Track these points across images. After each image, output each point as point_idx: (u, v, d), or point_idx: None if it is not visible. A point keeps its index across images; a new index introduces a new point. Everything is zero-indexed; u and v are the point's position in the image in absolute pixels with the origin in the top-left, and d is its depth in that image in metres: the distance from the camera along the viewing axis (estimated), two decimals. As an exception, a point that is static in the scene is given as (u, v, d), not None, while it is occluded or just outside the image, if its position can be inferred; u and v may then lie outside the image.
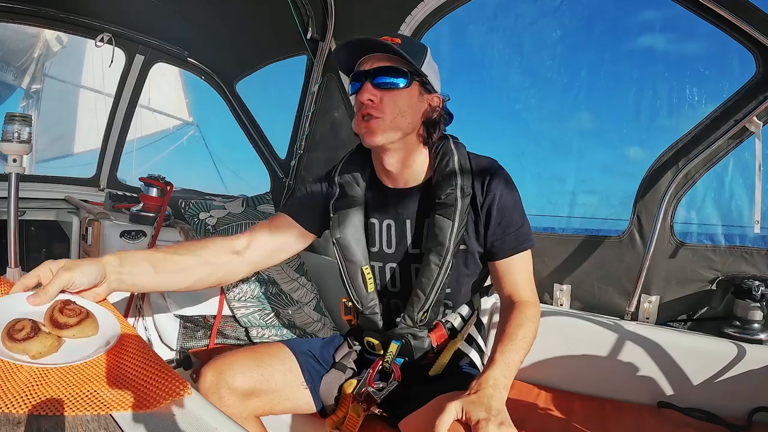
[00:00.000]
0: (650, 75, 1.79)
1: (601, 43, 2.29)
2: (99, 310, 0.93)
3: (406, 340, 1.03)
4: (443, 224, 0.97)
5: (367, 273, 1.06)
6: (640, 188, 1.47)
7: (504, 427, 0.69)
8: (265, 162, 2.59)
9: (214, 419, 0.65)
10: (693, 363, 1.27)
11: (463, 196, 0.97)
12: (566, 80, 2.15)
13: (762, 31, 1.17)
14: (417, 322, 1.02)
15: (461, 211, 0.97)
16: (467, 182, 0.98)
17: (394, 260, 1.07)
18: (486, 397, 0.73)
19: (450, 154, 1.01)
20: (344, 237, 1.05)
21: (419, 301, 1.00)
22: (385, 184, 1.07)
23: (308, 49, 2.09)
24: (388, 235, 1.06)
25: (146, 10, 1.98)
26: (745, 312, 1.29)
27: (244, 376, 0.99)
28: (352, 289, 1.08)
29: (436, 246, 0.97)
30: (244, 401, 0.99)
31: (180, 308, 1.74)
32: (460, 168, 0.99)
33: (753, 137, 1.27)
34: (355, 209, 1.06)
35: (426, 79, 0.96)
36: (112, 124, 2.32)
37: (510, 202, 0.99)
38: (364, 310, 1.07)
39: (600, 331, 1.40)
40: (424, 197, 1.03)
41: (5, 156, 1.13)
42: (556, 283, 1.60)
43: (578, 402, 1.35)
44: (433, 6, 1.75)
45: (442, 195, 0.98)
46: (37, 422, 0.59)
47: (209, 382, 0.97)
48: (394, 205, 1.06)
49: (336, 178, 1.09)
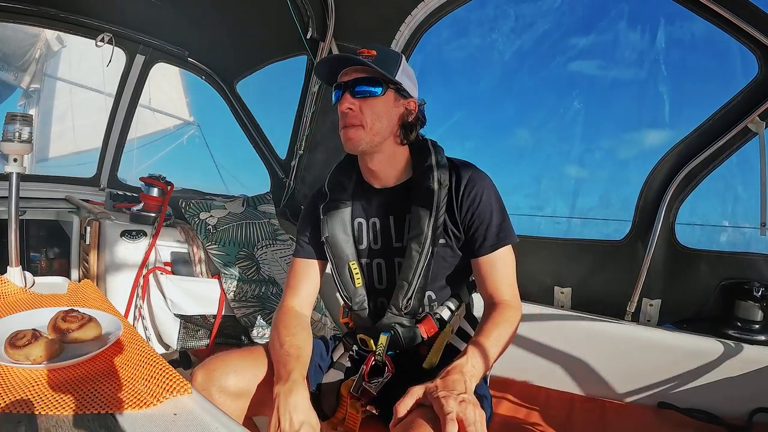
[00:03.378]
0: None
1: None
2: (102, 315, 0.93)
3: (394, 330, 1.07)
4: (422, 213, 1.03)
5: (354, 269, 1.11)
6: (642, 189, 1.46)
7: (465, 403, 0.72)
8: (265, 162, 2.59)
9: (213, 418, 0.64)
10: (693, 364, 1.27)
11: (440, 187, 1.03)
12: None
13: (764, 31, 1.17)
14: (401, 309, 1.06)
15: (438, 201, 1.02)
16: (444, 176, 1.05)
17: (380, 256, 1.12)
18: (450, 381, 0.78)
19: (428, 153, 1.08)
20: (332, 236, 1.11)
21: (402, 288, 1.05)
22: (370, 185, 1.14)
23: (308, 49, 2.09)
24: (374, 232, 1.12)
25: (146, 10, 1.99)
26: (745, 313, 1.29)
27: (236, 375, 0.99)
28: (341, 286, 1.13)
29: (416, 235, 1.03)
30: (235, 401, 0.99)
31: (180, 308, 1.74)
32: (437, 163, 1.06)
33: (756, 138, 1.27)
34: (342, 210, 1.13)
35: (400, 86, 1.04)
36: (113, 124, 2.32)
37: (490, 199, 1.04)
38: (353, 306, 1.12)
39: (600, 332, 1.40)
40: (405, 194, 1.09)
41: (6, 156, 1.13)
42: (557, 286, 1.60)
43: (579, 402, 1.36)
44: (433, 6, 1.75)
45: (419, 188, 1.05)
46: (37, 422, 0.59)
47: (199, 382, 0.97)
48: (379, 204, 1.12)
49: (326, 187, 1.17)
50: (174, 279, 1.76)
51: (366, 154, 1.06)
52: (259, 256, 1.95)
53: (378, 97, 1.01)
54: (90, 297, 1.13)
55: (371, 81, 1.01)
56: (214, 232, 1.89)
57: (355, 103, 1.01)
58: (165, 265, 1.80)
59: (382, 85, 1.01)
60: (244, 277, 1.86)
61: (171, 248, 1.85)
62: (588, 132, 24.11)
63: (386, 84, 1.02)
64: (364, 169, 1.13)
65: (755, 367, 1.20)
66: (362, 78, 1.01)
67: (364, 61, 0.99)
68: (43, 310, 0.97)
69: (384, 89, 1.02)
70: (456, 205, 1.04)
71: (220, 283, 1.82)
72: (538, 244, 1.63)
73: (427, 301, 1.10)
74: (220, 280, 1.82)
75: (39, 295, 1.15)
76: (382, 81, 1.01)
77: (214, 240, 1.87)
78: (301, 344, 1.02)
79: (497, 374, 1.52)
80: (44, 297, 1.14)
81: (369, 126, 1.01)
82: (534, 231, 1.65)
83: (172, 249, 1.85)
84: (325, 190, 1.17)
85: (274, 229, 2.07)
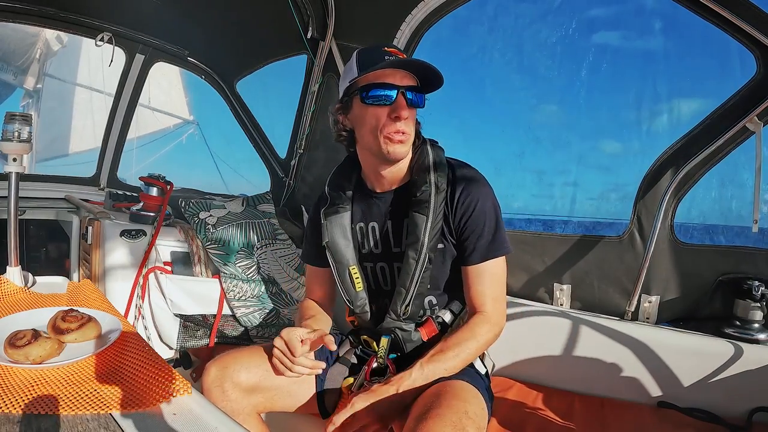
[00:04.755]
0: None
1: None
2: (102, 315, 0.93)
3: (394, 334, 1.07)
4: (418, 221, 1.01)
5: (354, 273, 1.11)
6: (641, 187, 1.46)
7: (367, 393, 0.87)
8: (265, 161, 2.59)
9: (214, 418, 0.64)
10: (693, 363, 1.27)
11: (438, 192, 1.01)
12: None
13: (762, 30, 1.17)
14: (400, 315, 1.06)
15: (435, 207, 1.00)
16: (442, 180, 1.02)
17: (382, 260, 1.12)
18: (381, 391, 0.90)
19: (425, 155, 1.05)
20: (332, 241, 1.11)
21: (400, 295, 1.05)
22: (370, 189, 1.12)
23: (308, 49, 2.09)
24: (374, 236, 1.12)
25: (146, 9, 1.98)
26: (745, 312, 1.29)
27: (248, 371, 1.00)
28: (343, 289, 1.14)
29: (413, 242, 1.02)
30: (247, 396, 1.00)
31: (180, 308, 1.74)
32: (434, 166, 1.03)
33: (753, 137, 1.27)
34: (342, 215, 1.12)
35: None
36: (113, 124, 2.32)
37: (485, 207, 1.02)
38: (355, 309, 1.13)
39: (600, 330, 1.40)
40: (402, 198, 1.07)
41: (5, 155, 1.13)
42: (556, 282, 1.60)
43: (578, 402, 1.36)
44: (433, 5, 1.74)
45: (417, 192, 1.02)
46: (37, 421, 0.59)
47: (213, 376, 0.99)
48: (378, 209, 1.11)
49: (326, 191, 1.17)
50: (174, 278, 1.76)
51: (397, 161, 1.03)
52: (259, 255, 1.95)
53: (418, 108, 1.01)
54: (90, 297, 1.13)
55: (420, 91, 1.00)
56: (213, 232, 1.89)
57: (409, 111, 0.98)
58: (165, 265, 1.80)
59: (424, 99, 1.01)
60: (243, 276, 1.86)
61: (171, 248, 1.85)
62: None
63: (425, 98, 1.02)
64: (371, 174, 1.10)
65: (755, 366, 1.20)
66: (414, 87, 0.99)
67: (435, 75, 0.96)
68: (42, 309, 0.97)
69: (424, 103, 1.02)
70: (450, 210, 1.02)
71: (219, 283, 1.82)
72: (536, 239, 1.63)
73: (428, 305, 1.10)
74: (220, 280, 1.83)
75: (39, 294, 1.15)
76: (424, 95, 1.01)
77: (213, 239, 1.87)
78: (315, 314, 1.14)
79: (497, 373, 1.53)
80: (44, 297, 1.14)
81: (410, 136, 1.00)
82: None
83: (171, 248, 1.85)
84: (326, 194, 1.16)
85: (273, 228, 2.07)
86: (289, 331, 0.94)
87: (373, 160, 1.05)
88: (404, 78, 0.97)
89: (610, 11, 51.71)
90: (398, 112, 0.95)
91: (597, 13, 30.87)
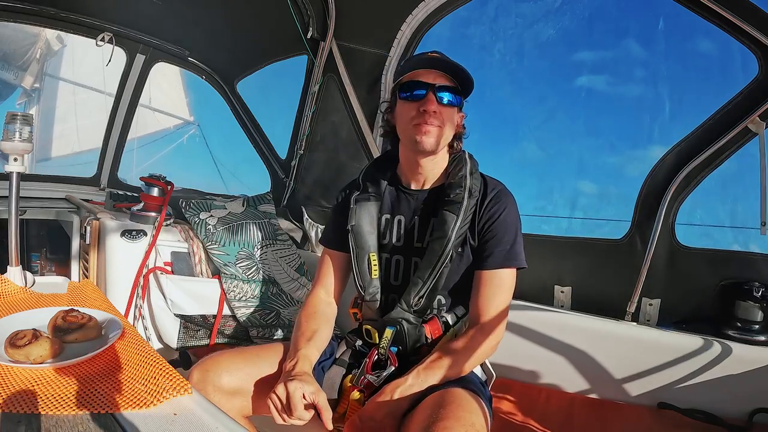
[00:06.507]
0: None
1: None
2: (102, 315, 0.93)
3: (400, 326, 1.09)
4: (448, 218, 1.07)
5: (374, 260, 1.14)
6: (642, 190, 1.46)
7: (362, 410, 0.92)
8: (265, 162, 2.59)
9: (214, 418, 0.64)
10: (693, 364, 1.27)
11: (470, 196, 1.08)
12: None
13: (764, 31, 1.17)
14: (411, 306, 1.08)
15: (466, 209, 1.07)
16: (475, 186, 1.10)
17: (400, 253, 1.15)
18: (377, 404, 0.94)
19: (464, 163, 1.14)
20: (358, 225, 1.15)
21: (416, 286, 1.08)
22: (404, 185, 1.19)
23: (308, 49, 2.09)
24: (398, 229, 1.16)
25: (147, 9, 1.99)
26: (745, 313, 1.29)
27: (230, 375, 1.00)
28: (358, 275, 1.16)
29: (439, 237, 1.07)
30: (231, 400, 1.00)
31: (180, 308, 1.74)
32: (470, 174, 1.11)
33: (756, 138, 1.26)
34: (372, 203, 1.17)
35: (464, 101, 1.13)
36: (113, 124, 2.32)
37: (509, 218, 1.08)
38: (366, 296, 1.14)
39: (600, 331, 1.40)
40: (435, 198, 1.14)
41: (6, 155, 1.13)
42: (557, 285, 1.60)
43: (579, 402, 1.36)
44: (434, 6, 1.75)
45: (451, 194, 1.09)
46: (37, 421, 0.59)
47: (195, 380, 0.98)
48: (408, 204, 1.17)
49: (360, 179, 1.23)
50: (174, 279, 1.76)
51: (428, 154, 1.10)
52: (259, 255, 1.95)
53: (454, 107, 1.09)
54: (90, 297, 1.13)
55: (455, 91, 1.08)
56: (214, 232, 1.89)
57: (438, 107, 1.06)
58: (165, 265, 1.80)
59: (461, 99, 1.11)
60: (244, 276, 1.86)
61: (171, 248, 1.85)
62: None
63: (463, 98, 1.11)
64: (408, 169, 1.17)
65: (755, 367, 1.20)
66: (448, 86, 1.07)
67: (461, 73, 1.06)
68: (43, 309, 0.97)
69: (461, 103, 1.11)
70: (478, 214, 1.08)
71: (220, 283, 1.82)
72: (537, 242, 1.63)
73: (437, 303, 1.12)
74: (220, 280, 1.83)
75: (39, 294, 1.15)
76: (461, 95, 1.10)
77: (214, 240, 1.87)
78: (316, 328, 1.10)
79: (497, 374, 1.52)
80: (44, 297, 1.14)
81: (444, 132, 1.07)
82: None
83: (172, 249, 1.85)
84: (359, 182, 1.22)
85: (274, 229, 2.07)
86: (295, 387, 0.89)
87: (409, 153, 1.13)
88: (438, 77, 1.06)
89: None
90: (426, 106, 1.04)
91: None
